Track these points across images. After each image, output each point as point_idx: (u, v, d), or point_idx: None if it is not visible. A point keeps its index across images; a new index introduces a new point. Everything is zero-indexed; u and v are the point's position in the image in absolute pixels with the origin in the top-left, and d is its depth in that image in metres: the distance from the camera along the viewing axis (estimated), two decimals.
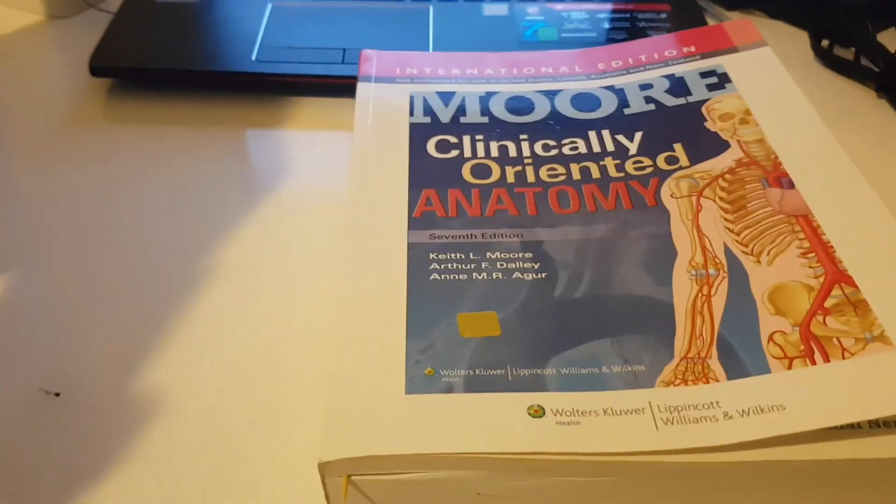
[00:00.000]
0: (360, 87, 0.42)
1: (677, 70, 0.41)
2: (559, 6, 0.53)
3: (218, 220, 0.41)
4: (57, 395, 0.32)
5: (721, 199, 0.33)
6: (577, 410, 0.26)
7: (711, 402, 0.26)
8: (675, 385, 0.27)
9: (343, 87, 0.48)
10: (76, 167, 0.44)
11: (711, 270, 0.30)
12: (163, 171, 0.44)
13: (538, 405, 0.26)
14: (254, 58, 0.49)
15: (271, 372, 0.33)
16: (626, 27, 0.51)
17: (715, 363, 0.27)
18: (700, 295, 0.30)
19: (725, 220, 0.32)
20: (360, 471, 0.25)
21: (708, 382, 0.27)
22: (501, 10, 0.53)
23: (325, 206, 0.41)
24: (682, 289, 0.30)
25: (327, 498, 0.26)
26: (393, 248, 0.32)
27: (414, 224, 0.34)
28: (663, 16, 0.52)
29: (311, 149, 0.45)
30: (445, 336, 0.29)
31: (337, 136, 0.47)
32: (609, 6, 0.53)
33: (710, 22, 0.53)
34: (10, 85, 0.50)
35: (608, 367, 0.27)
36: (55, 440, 0.31)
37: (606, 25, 0.51)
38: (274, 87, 0.50)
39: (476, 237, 0.33)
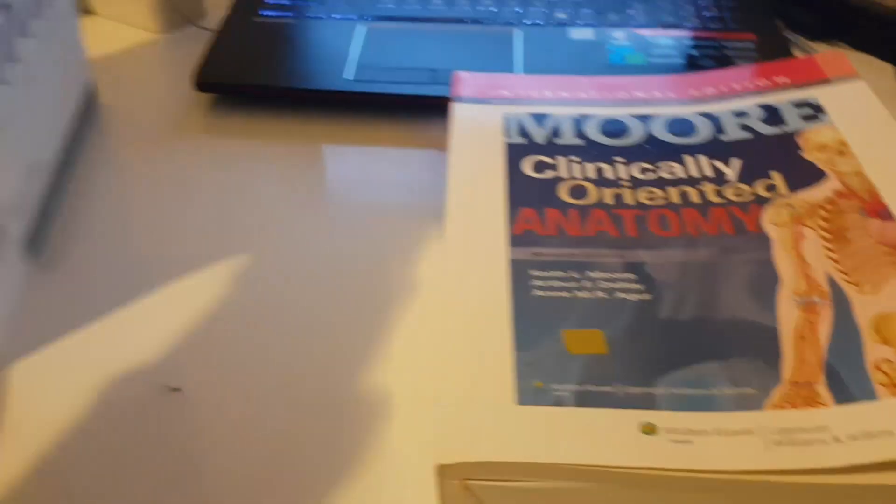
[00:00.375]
0: (456, 108, 0.43)
1: (771, 100, 0.41)
2: (645, 32, 0.54)
3: (314, 229, 0.42)
4: (177, 390, 0.33)
5: (822, 228, 0.34)
6: (690, 429, 0.26)
7: (820, 426, 0.27)
8: (783, 408, 0.27)
9: (433, 106, 0.50)
10: (184, 175, 0.46)
11: (815, 298, 0.31)
12: (262, 184, 0.45)
13: (650, 423, 0.27)
14: (348, 76, 0.51)
15: (379, 379, 0.34)
16: (712, 55, 0.52)
17: (822, 388, 0.28)
18: (805, 322, 0.30)
19: (827, 249, 0.33)
20: (474, 476, 0.26)
21: (816, 407, 0.27)
22: (588, 34, 0.54)
23: (419, 219, 0.43)
24: (788, 315, 0.30)
25: (441, 501, 0.27)
26: (495, 263, 0.33)
27: (514, 241, 0.35)
28: (749, 45, 0.53)
29: (403, 166, 0.47)
30: (552, 351, 0.30)
31: (427, 154, 0.48)
32: (695, 34, 0.54)
33: (795, 52, 0.54)
34: (123, 95, 0.53)
35: (717, 389, 0.28)
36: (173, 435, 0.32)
37: (693, 52, 0.52)
38: (367, 105, 0.51)
39: (576, 256, 0.34)
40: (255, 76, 0.51)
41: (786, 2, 0.58)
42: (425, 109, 0.50)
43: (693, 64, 0.51)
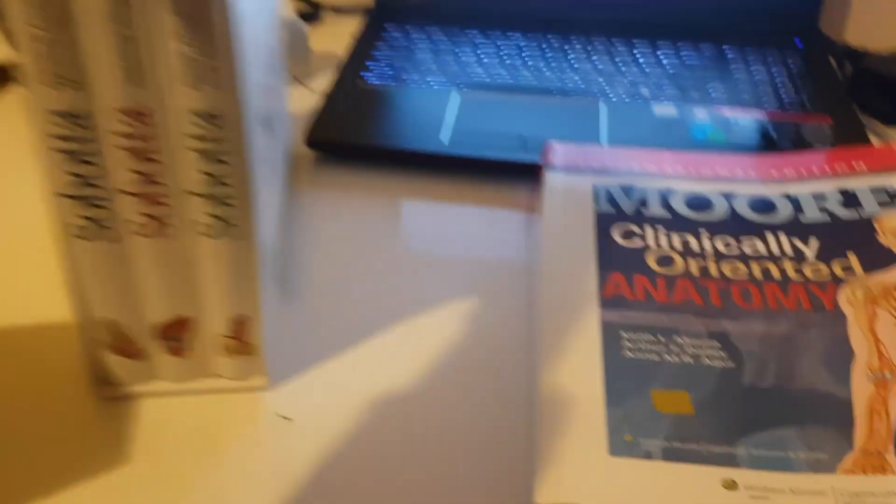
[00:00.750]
0: (548, 175, 0.47)
1: (849, 184, 0.44)
2: (726, 111, 0.57)
3: (413, 282, 0.46)
4: (287, 419, 0.37)
5: (895, 308, 0.36)
6: (767, 487, 0.29)
7: (890, 492, 0.29)
8: (854, 474, 0.30)
9: (521, 171, 0.53)
10: (292, 226, 0.50)
11: (887, 374, 0.33)
12: (364, 235, 0.49)
13: (731, 479, 0.29)
14: (444, 140, 0.55)
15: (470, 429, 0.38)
16: (790, 136, 0.55)
17: (892, 457, 0.30)
18: (877, 395, 0.32)
19: None
20: None
21: (886, 474, 0.30)
22: (670, 110, 0.58)
23: (507, 274, 0.46)
24: (861, 388, 0.33)
25: None
26: (587, 324, 0.37)
27: (605, 304, 0.38)
28: (826, 128, 0.55)
29: (494, 224, 0.50)
30: (642, 409, 0.32)
31: (515, 216, 0.51)
32: (773, 115, 0.57)
33: (871, 136, 0.56)
34: None
35: (794, 452, 0.30)
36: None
37: (771, 133, 0.55)
38: (461, 168, 0.55)
39: (664, 322, 0.37)
40: (359, 136, 0.55)
41: (862, 87, 0.61)
42: (514, 174, 0.54)
43: (771, 143, 0.54)
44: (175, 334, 0.36)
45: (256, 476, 0.35)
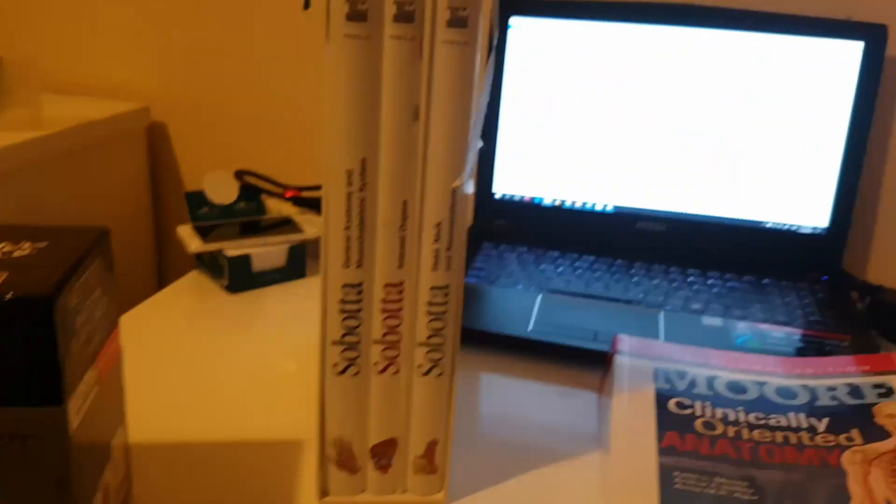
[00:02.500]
0: (617, 359, 0.60)
1: (856, 381, 0.56)
2: (763, 326, 0.70)
3: (503, 447, 0.58)
4: None
5: (885, 468, 0.47)
6: None
7: None
8: None
9: (594, 358, 0.66)
10: None
11: None
12: (463, 404, 0.62)
13: None
14: (529, 329, 0.69)
15: None
16: (814, 347, 0.67)
17: None
18: None
19: (888, 481, 0.46)
20: None
21: None
22: (717, 322, 0.71)
23: (580, 438, 0.58)
24: None
25: None
26: (648, 463, 0.48)
27: (661, 451, 0.49)
28: (845, 344, 0.68)
29: (568, 398, 0.63)
30: None
31: (587, 395, 0.64)
32: (801, 331, 0.70)
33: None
34: None
35: None
36: None
37: (799, 345, 0.67)
38: (541, 352, 0.68)
39: (707, 467, 0.48)
40: (464, 321, 0.70)
41: (878, 315, 0.74)
42: (589, 360, 0.67)
43: (799, 352, 0.66)
44: (385, 453, 0.48)
45: None
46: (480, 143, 0.43)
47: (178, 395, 0.60)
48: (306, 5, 0.41)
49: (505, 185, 0.88)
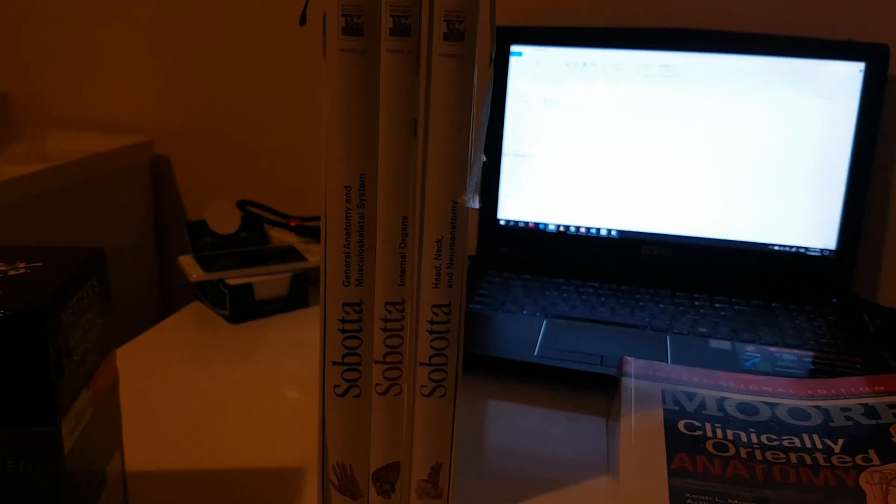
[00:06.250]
0: (624, 381, 0.59)
1: (870, 401, 0.55)
2: (773, 349, 0.69)
3: (509, 474, 0.56)
4: None
5: None
6: None
7: None
8: None
9: (601, 383, 0.65)
10: None
11: None
12: (465, 428, 0.61)
13: None
14: (535, 354, 0.68)
15: None
16: (825, 370, 0.66)
17: None
18: None
19: None
20: None
21: None
22: (725, 345, 0.70)
23: (586, 460, 0.56)
24: None
25: None
26: (659, 485, 0.47)
27: (672, 473, 0.48)
28: (857, 366, 0.67)
29: (575, 423, 0.61)
30: None
31: (595, 420, 0.62)
32: (812, 353, 0.68)
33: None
34: None
35: None
36: None
37: (811, 367, 0.66)
38: (547, 377, 0.67)
39: (719, 488, 0.46)
40: (470, 347, 0.69)
41: (889, 337, 0.72)
42: (594, 385, 0.66)
43: (810, 374, 0.65)
44: (387, 477, 0.47)
45: None
46: (484, 159, 0.42)
47: (178, 424, 0.59)
48: (302, 20, 0.40)
49: (509, 211, 0.87)
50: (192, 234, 0.79)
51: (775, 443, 0.51)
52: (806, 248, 0.82)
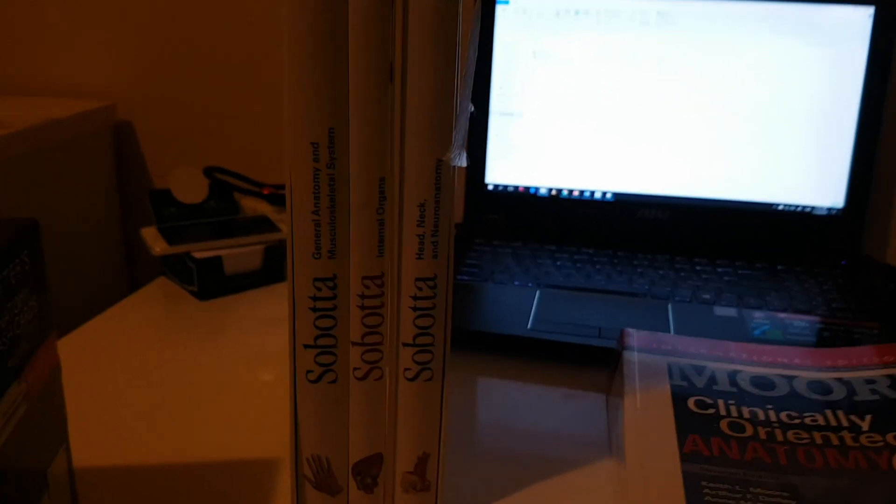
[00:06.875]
0: (626, 354, 0.54)
1: None
2: (782, 315, 0.64)
3: (503, 453, 0.51)
4: None
5: None
6: None
7: None
8: None
9: (599, 356, 0.60)
10: None
11: None
12: (459, 411, 0.56)
13: None
14: (528, 327, 0.63)
15: None
16: (841, 336, 0.61)
17: None
18: None
19: None
20: None
21: None
22: (731, 312, 0.65)
23: (586, 441, 0.52)
24: None
25: None
26: (671, 472, 0.42)
27: (685, 457, 0.43)
28: (874, 331, 0.62)
29: (573, 400, 0.57)
30: None
31: (594, 397, 0.58)
32: (825, 319, 0.64)
33: None
34: None
35: None
36: None
37: (825, 334, 0.61)
38: (542, 352, 0.62)
39: (739, 476, 0.42)
40: (459, 322, 0.63)
41: None
42: (592, 359, 0.61)
43: (824, 342, 0.60)
44: (369, 470, 0.42)
45: None
46: (472, 108, 0.37)
47: (137, 414, 0.53)
48: None
49: (497, 175, 0.82)
50: (156, 205, 0.73)
51: (796, 421, 0.46)
52: (812, 207, 0.77)
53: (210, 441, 0.50)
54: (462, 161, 0.37)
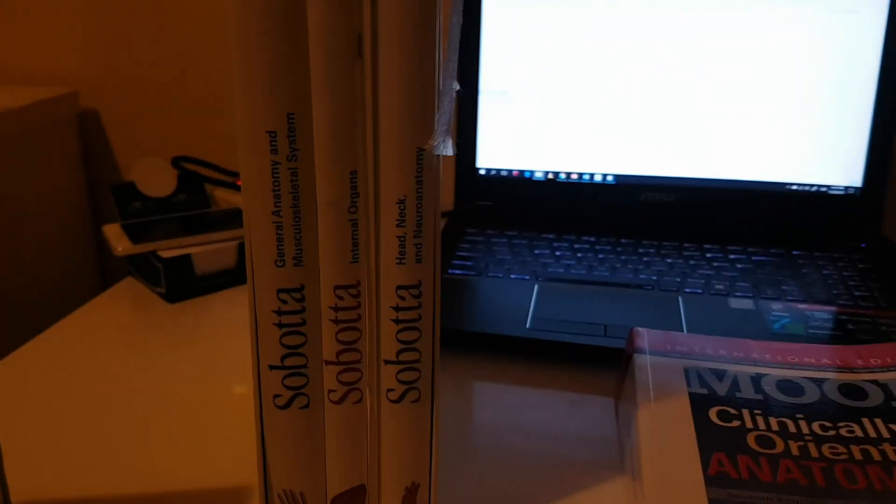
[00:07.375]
0: (637, 358, 0.48)
1: None
2: (803, 306, 0.59)
3: (498, 463, 0.46)
4: None
5: None
6: None
7: None
8: None
9: (606, 357, 0.55)
10: None
11: None
12: (459, 413, 0.51)
13: None
14: (527, 326, 0.57)
15: None
16: (867, 329, 0.56)
17: None
18: None
19: None
20: None
21: None
22: (747, 304, 0.60)
23: (596, 454, 0.46)
24: None
25: None
26: (695, 500, 0.37)
27: (710, 481, 0.38)
28: None
29: (579, 406, 0.51)
30: None
31: (602, 401, 0.52)
32: (848, 310, 0.58)
33: None
34: None
35: None
36: None
37: (850, 327, 0.56)
38: (543, 352, 0.57)
39: (772, 500, 0.37)
40: (450, 322, 0.58)
41: None
42: (598, 359, 0.56)
43: (850, 336, 0.55)
44: (351, 503, 0.37)
45: None
46: (457, 87, 0.31)
47: (94, 435, 0.48)
48: None
49: (489, 158, 0.76)
50: (119, 199, 0.67)
51: (831, 432, 0.41)
52: (828, 187, 0.72)
53: (174, 467, 0.45)
54: (447, 149, 0.31)
